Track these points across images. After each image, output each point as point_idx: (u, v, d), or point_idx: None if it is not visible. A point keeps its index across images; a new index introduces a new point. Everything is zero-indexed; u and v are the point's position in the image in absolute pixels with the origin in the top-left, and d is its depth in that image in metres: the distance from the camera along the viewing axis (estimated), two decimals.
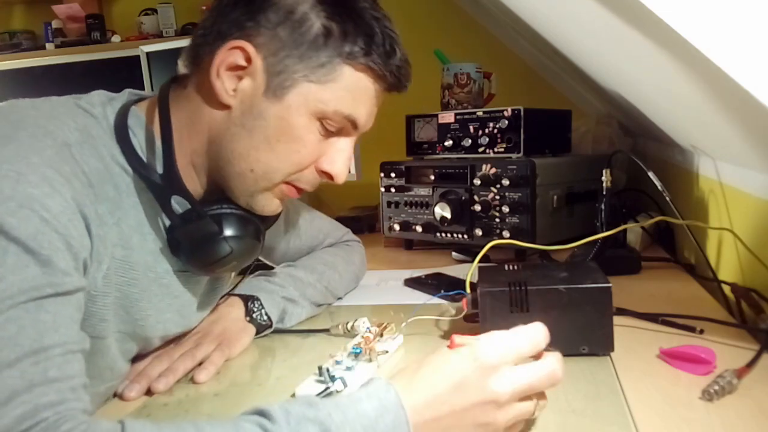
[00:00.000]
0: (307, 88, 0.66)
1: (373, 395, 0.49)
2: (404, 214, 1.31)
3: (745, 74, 0.55)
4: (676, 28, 0.55)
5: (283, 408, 0.48)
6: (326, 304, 0.94)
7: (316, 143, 0.69)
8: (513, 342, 0.52)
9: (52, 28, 2.14)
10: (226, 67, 0.65)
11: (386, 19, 0.70)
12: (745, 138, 0.76)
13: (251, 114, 0.66)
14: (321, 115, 0.68)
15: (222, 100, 0.66)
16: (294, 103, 0.66)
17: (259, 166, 0.68)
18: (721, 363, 0.62)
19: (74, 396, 0.49)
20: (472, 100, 1.41)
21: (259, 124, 0.66)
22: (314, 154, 0.70)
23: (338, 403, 0.49)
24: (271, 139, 0.67)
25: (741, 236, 0.84)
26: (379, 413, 0.48)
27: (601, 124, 1.56)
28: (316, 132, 0.69)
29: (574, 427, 0.54)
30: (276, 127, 0.67)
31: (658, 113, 1.10)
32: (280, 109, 0.66)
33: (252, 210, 0.71)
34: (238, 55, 0.65)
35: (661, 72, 0.78)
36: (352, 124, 0.70)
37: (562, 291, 0.66)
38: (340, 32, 0.66)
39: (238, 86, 0.66)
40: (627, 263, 1.04)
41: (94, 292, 0.59)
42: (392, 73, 0.70)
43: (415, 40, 1.87)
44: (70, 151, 0.58)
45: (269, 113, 0.66)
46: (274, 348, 0.79)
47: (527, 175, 1.11)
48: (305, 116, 0.67)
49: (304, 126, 0.67)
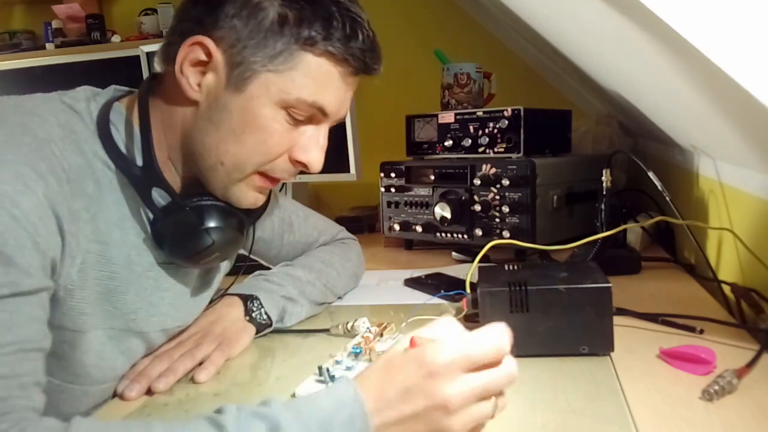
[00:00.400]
0: (267, 78, 0.66)
1: (331, 391, 0.50)
2: (404, 214, 1.31)
3: (745, 74, 0.55)
4: (676, 28, 0.55)
5: (237, 406, 0.49)
6: (326, 303, 0.94)
7: (284, 133, 0.69)
8: (465, 348, 0.50)
9: (52, 28, 2.14)
10: (189, 64, 0.66)
11: (349, 1, 0.68)
12: (744, 138, 0.76)
13: (217, 107, 0.67)
14: (284, 104, 0.67)
15: (188, 95, 0.67)
16: (256, 94, 0.66)
17: (228, 158, 0.68)
18: (721, 363, 0.62)
19: (23, 393, 0.50)
20: (472, 100, 1.41)
21: (225, 117, 0.67)
22: (283, 143, 0.69)
23: (296, 402, 0.50)
24: (237, 131, 0.67)
25: (741, 236, 0.84)
26: (336, 408, 0.49)
27: (601, 124, 1.56)
28: (282, 121, 0.68)
29: (574, 427, 0.54)
30: (240, 118, 0.67)
31: (658, 113, 1.10)
32: (242, 100, 0.66)
33: (229, 203, 0.71)
34: (198, 50, 0.65)
35: (661, 72, 0.78)
36: (321, 111, 0.69)
37: (562, 291, 0.66)
38: (295, 18, 0.65)
39: (202, 81, 0.67)
40: (627, 263, 1.04)
41: (71, 285, 0.60)
42: (355, 56, 0.68)
43: (415, 40, 1.89)
44: (49, 147, 0.58)
45: (233, 105, 0.66)
46: (274, 348, 0.79)
47: (527, 175, 1.11)
48: (269, 106, 0.67)
49: (269, 116, 0.67)
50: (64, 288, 0.59)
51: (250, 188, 0.72)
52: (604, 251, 0.99)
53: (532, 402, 0.58)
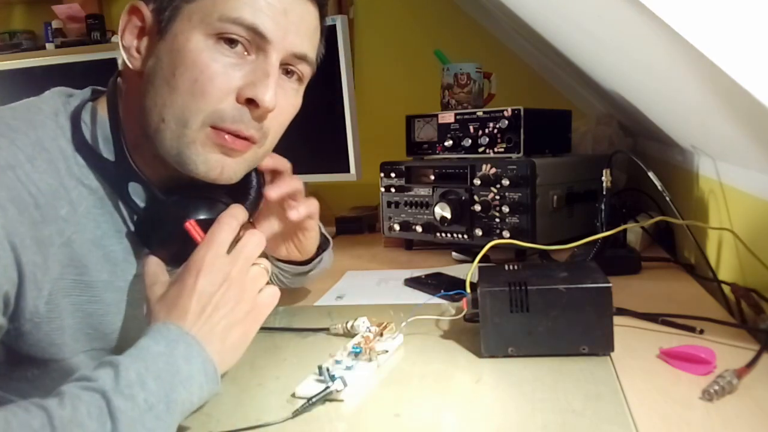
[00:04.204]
0: (189, 9, 0.62)
1: (156, 338, 0.54)
2: (404, 214, 1.31)
3: (746, 74, 0.55)
4: (676, 28, 0.55)
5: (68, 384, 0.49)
6: None
7: (220, 68, 0.61)
8: (209, 242, 0.60)
9: (52, 28, 2.13)
10: (130, 34, 0.64)
11: None
12: (745, 138, 0.76)
13: (152, 65, 0.63)
14: (211, 29, 0.61)
15: (131, 65, 0.64)
16: (179, 29, 0.62)
17: (167, 111, 0.62)
18: (721, 363, 0.62)
19: None
20: (472, 100, 1.41)
21: (158, 68, 0.62)
22: (221, 80, 0.61)
23: (135, 354, 0.53)
24: (168, 77, 0.61)
25: (741, 236, 0.84)
26: (170, 345, 0.54)
27: (601, 124, 1.56)
28: (213, 52, 0.61)
29: (574, 427, 0.54)
30: (169, 62, 0.62)
31: (658, 113, 1.10)
32: (170, 42, 0.62)
33: (192, 174, 0.64)
34: (135, 18, 0.64)
35: (661, 72, 0.78)
36: (258, 34, 0.62)
37: (562, 291, 0.66)
38: None
39: (140, 45, 0.64)
40: (627, 263, 1.04)
41: (37, 319, 0.58)
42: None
43: (415, 40, 1.89)
44: (13, 173, 0.56)
45: (161, 52, 0.62)
46: (274, 347, 0.79)
47: (527, 175, 1.11)
48: (194, 38, 0.61)
49: (197, 48, 0.61)
50: (30, 321, 0.57)
51: (208, 149, 0.63)
52: (604, 251, 0.99)
53: (532, 402, 0.58)
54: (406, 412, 0.59)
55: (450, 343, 0.75)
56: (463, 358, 0.70)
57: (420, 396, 0.62)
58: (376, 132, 1.73)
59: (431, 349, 0.74)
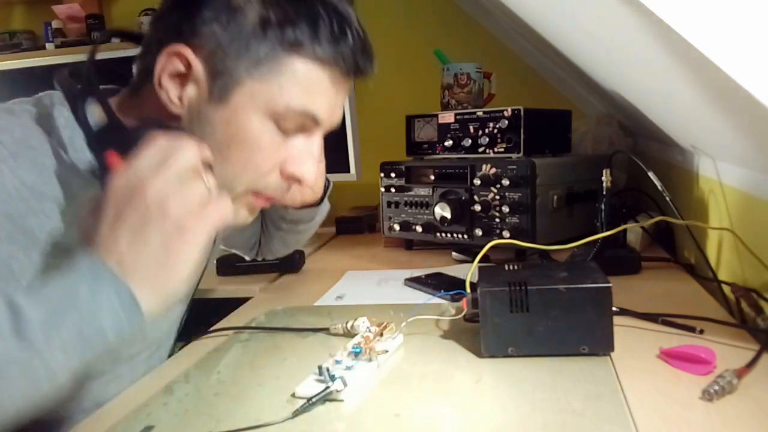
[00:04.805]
0: (252, 87, 0.62)
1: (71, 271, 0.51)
2: (404, 214, 1.31)
3: (746, 74, 0.55)
4: (676, 28, 0.55)
5: None
6: None
7: (274, 146, 0.65)
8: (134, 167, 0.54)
9: (52, 28, 2.13)
10: (168, 76, 0.62)
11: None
12: (744, 138, 0.76)
13: (199, 122, 0.63)
14: (272, 114, 0.63)
15: (169, 110, 0.63)
16: (240, 105, 0.62)
17: (215, 177, 0.62)
18: (721, 363, 0.62)
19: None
20: (472, 100, 1.41)
21: (209, 131, 0.62)
22: (274, 157, 0.65)
23: None
24: (222, 147, 0.63)
25: (741, 236, 0.84)
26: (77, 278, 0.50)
27: (601, 124, 1.56)
28: (271, 133, 0.64)
29: (574, 427, 0.54)
30: (225, 133, 0.62)
31: (659, 113, 1.10)
32: (226, 113, 0.62)
33: None
34: (177, 61, 0.61)
35: (661, 72, 0.78)
36: (312, 119, 0.65)
37: (562, 291, 0.66)
38: (279, 20, 0.61)
39: (183, 94, 0.62)
40: (627, 263, 1.04)
41: None
42: (345, 58, 0.64)
43: (415, 40, 1.89)
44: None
45: (216, 119, 0.62)
46: (274, 347, 0.79)
47: (527, 175, 1.11)
48: (255, 118, 0.62)
49: (256, 128, 0.63)
50: None
51: (241, 206, 0.68)
52: (604, 251, 0.99)
53: (531, 402, 0.58)
54: (406, 412, 0.59)
55: (450, 343, 0.75)
56: (463, 358, 0.71)
57: (420, 396, 0.62)
58: (376, 132, 1.73)
59: (431, 349, 0.74)
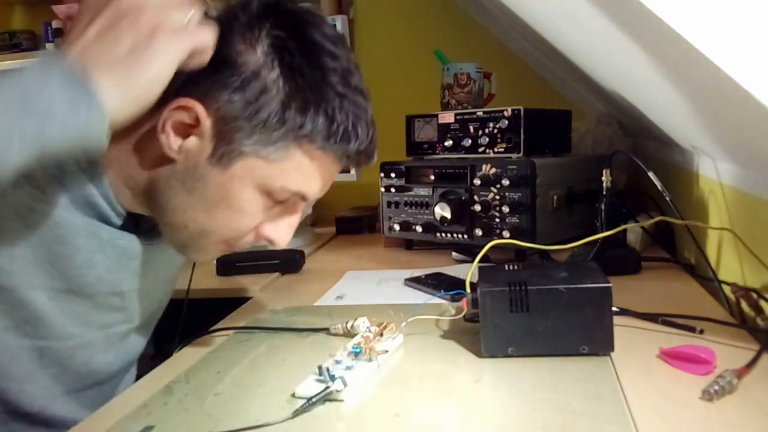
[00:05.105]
0: (255, 163, 0.63)
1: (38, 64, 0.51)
2: (404, 214, 1.31)
3: (746, 74, 0.55)
4: (676, 28, 0.55)
5: None
6: None
7: (258, 213, 0.67)
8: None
9: (52, 28, 2.13)
10: (172, 124, 0.62)
11: (356, 92, 0.65)
12: (744, 138, 0.76)
13: (194, 174, 0.64)
14: (266, 189, 0.65)
15: (165, 153, 0.63)
16: (238, 175, 0.63)
17: (195, 225, 0.66)
18: (721, 363, 0.62)
19: None
20: (472, 100, 1.41)
21: (200, 186, 0.64)
22: (254, 222, 0.68)
23: None
24: (209, 204, 0.65)
25: (741, 236, 0.84)
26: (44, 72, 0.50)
27: (601, 124, 1.56)
28: (259, 204, 0.66)
29: (574, 427, 0.54)
30: (216, 194, 0.64)
31: (658, 113, 1.10)
32: (223, 177, 0.63)
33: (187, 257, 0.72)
34: (185, 114, 0.61)
35: (661, 72, 0.78)
36: (301, 197, 0.68)
37: (562, 291, 0.66)
38: (298, 112, 0.62)
39: (183, 144, 0.63)
40: (627, 263, 1.04)
41: None
42: (351, 156, 0.67)
43: (415, 40, 1.89)
44: None
45: (211, 179, 0.63)
46: (274, 347, 0.79)
47: (527, 175, 1.11)
48: (249, 189, 0.64)
49: (247, 198, 0.65)
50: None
51: (210, 250, 0.70)
52: (604, 251, 0.99)
53: (532, 402, 0.58)
54: (406, 412, 0.59)
55: (450, 343, 0.75)
56: (463, 358, 0.71)
57: (420, 396, 0.62)
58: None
59: (431, 349, 0.74)
